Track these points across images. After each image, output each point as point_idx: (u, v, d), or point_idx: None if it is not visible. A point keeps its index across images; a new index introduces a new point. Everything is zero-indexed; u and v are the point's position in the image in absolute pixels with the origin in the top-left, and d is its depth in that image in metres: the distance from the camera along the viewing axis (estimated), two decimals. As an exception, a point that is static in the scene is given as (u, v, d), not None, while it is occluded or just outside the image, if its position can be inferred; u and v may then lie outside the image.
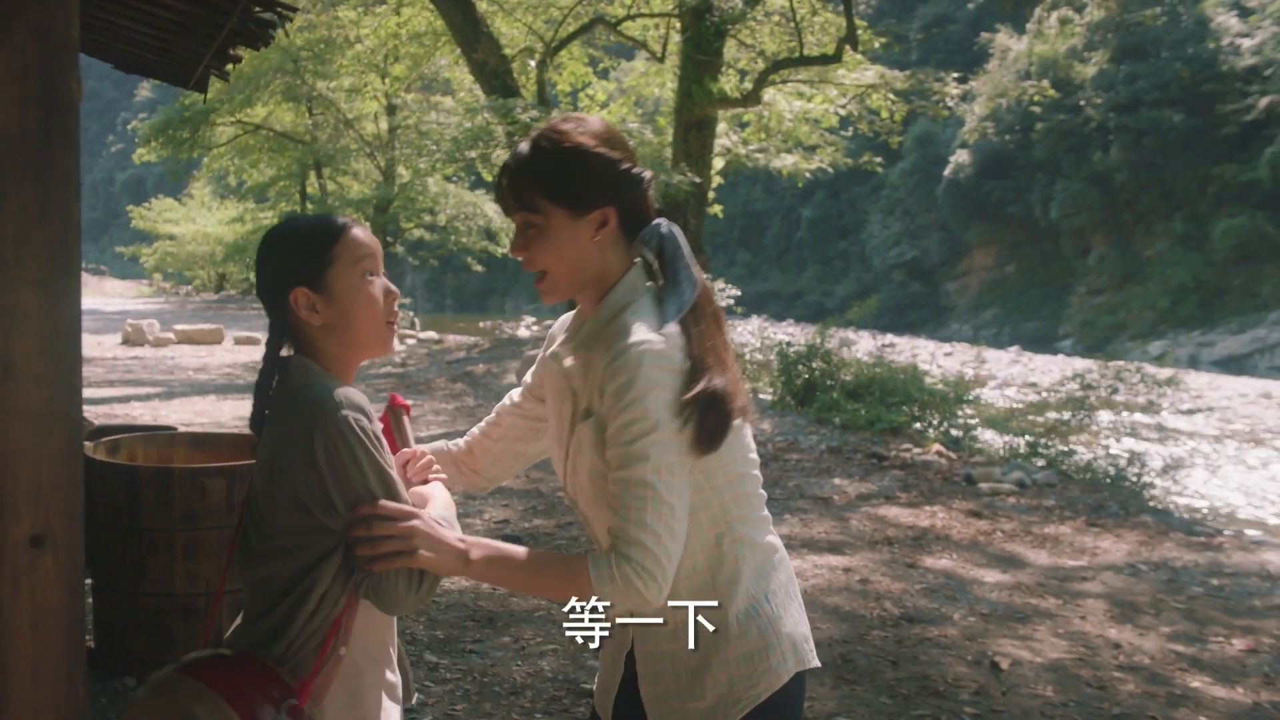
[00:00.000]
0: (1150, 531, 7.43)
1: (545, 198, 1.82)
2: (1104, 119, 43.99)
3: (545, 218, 1.82)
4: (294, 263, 1.80)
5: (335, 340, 1.83)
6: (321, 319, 1.80)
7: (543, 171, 1.83)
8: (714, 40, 17.04)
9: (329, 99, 30.44)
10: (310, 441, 1.64)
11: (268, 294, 1.81)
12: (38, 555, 1.34)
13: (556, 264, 1.85)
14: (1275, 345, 36.87)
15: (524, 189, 1.84)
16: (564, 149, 1.83)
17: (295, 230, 1.85)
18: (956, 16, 55.67)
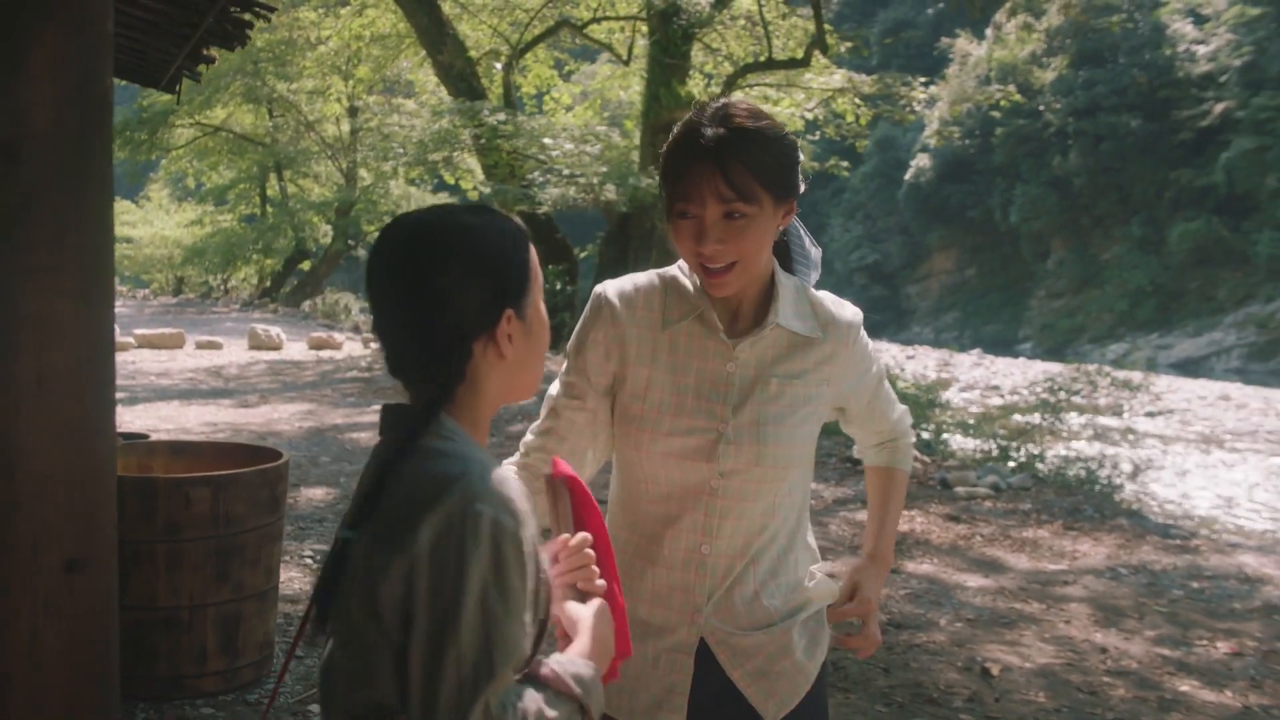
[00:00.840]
0: (1127, 534, 7.46)
1: (761, 185, 1.73)
2: (1063, 124, 44.45)
3: (758, 206, 1.73)
4: (502, 277, 1.37)
5: (501, 385, 1.44)
6: (514, 354, 1.40)
7: (762, 157, 1.73)
8: (681, 44, 17.02)
9: (290, 101, 30.19)
10: (414, 529, 1.23)
11: (442, 324, 1.33)
12: (72, 580, 1.26)
13: (754, 255, 1.78)
14: (1231, 348, 37.39)
15: (742, 175, 1.71)
16: (777, 133, 1.76)
17: (486, 229, 1.38)
18: (917, 22, 56.01)
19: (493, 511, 1.23)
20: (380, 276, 1.37)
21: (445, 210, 1.39)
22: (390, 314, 1.36)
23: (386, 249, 1.37)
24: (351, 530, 1.27)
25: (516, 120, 16.65)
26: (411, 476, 1.28)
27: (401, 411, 1.39)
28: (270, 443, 9.55)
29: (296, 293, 32.86)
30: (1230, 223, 40.20)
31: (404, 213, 1.38)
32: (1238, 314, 38.54)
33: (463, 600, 1.21)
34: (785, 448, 1.85)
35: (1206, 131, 41.76)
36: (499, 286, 1.36)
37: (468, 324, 1.34)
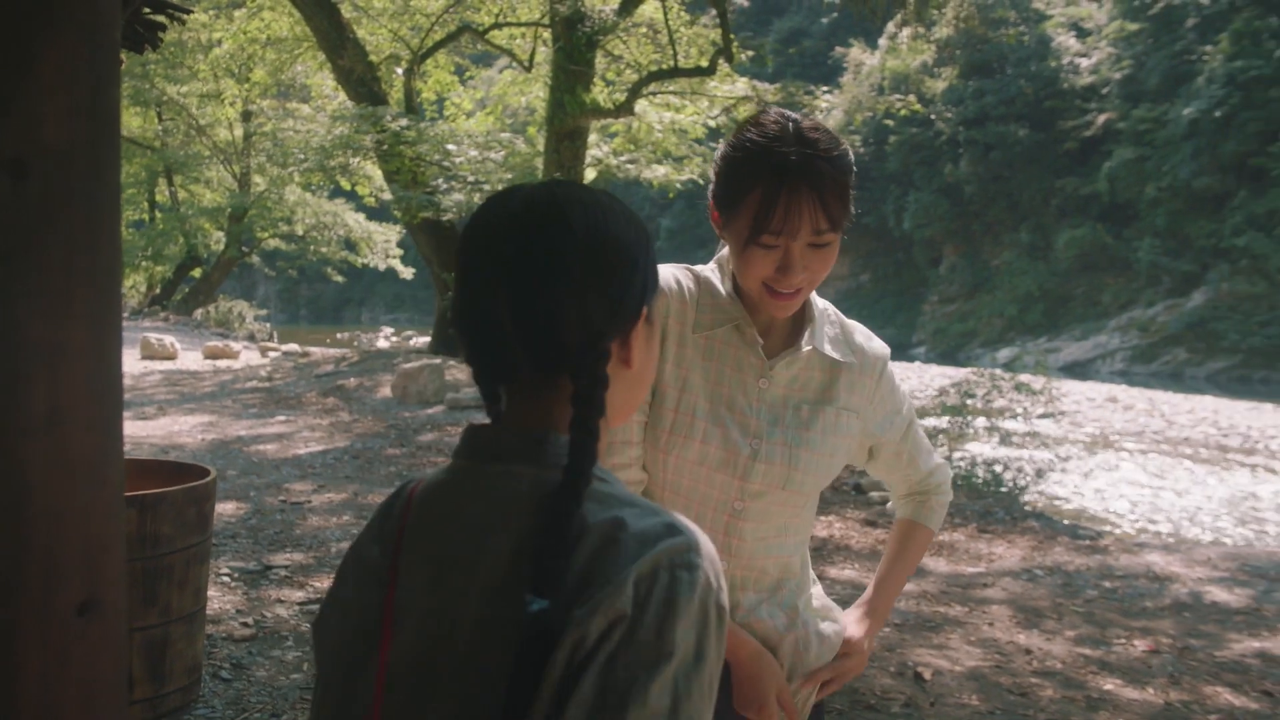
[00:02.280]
0: (1039, 537, 7.63)
1: (847, 213, 1.69)
2: (954, 133, 45.48)
3: (839, 234, 1.69)
4: (644, 268, 1.17)
5: (625, 399, 1.22)
6: (638, 364, 1.19)
7: (848, 183, 1.68)
8: (586, 51, 17.00)
9: (181, 104, 29.46)
10: (617, 583, 1.01)
11: (582, 313, 1.11)
12: (85, 624, 1.17)
13: (823, 275, 1.74)
14: (1115, 351, 38.59)
15: (837, 206, 1.65)
16: (847, 155, 1.70)
17: (623, 212, 1.18)
18: (811, 31, 56.82)
19: (707, 568, 1.04)
20: (494, 254, 1.12)
21: (575, 186, 1.18)
22: (500, 300, 1.10)
23: (505, 222, 1.13)
24: (543, 600, 1.00)
25: (419, 126, 16.47)
26: (596, 530, 1.04)
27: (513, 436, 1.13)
28: (174, 456, 9.29)
29: (188, 300, 32.03)
30: (1113, 230, 41.52)
31: (518, 186, 1.18)
32: (1121, 318, 39.79)
33: (661, 664, 1.00)
34: (814, 476, 1.82)
35: (1090, 141, 43.11)
36: (638, 279, 1.15)
37: (608, 317, 1.12)
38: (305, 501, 7.87)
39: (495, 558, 1.07)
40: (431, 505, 1.15)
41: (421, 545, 1.13)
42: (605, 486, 1.10)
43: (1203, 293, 37.59)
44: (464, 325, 1.14)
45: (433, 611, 1.08)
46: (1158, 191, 39.71)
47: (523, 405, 1.14)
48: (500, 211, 1.14)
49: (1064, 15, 47.50)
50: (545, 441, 1.11)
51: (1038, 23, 46.32)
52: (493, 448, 1.13)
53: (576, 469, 1.06)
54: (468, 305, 1.14)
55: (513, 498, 1.09)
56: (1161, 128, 40.38)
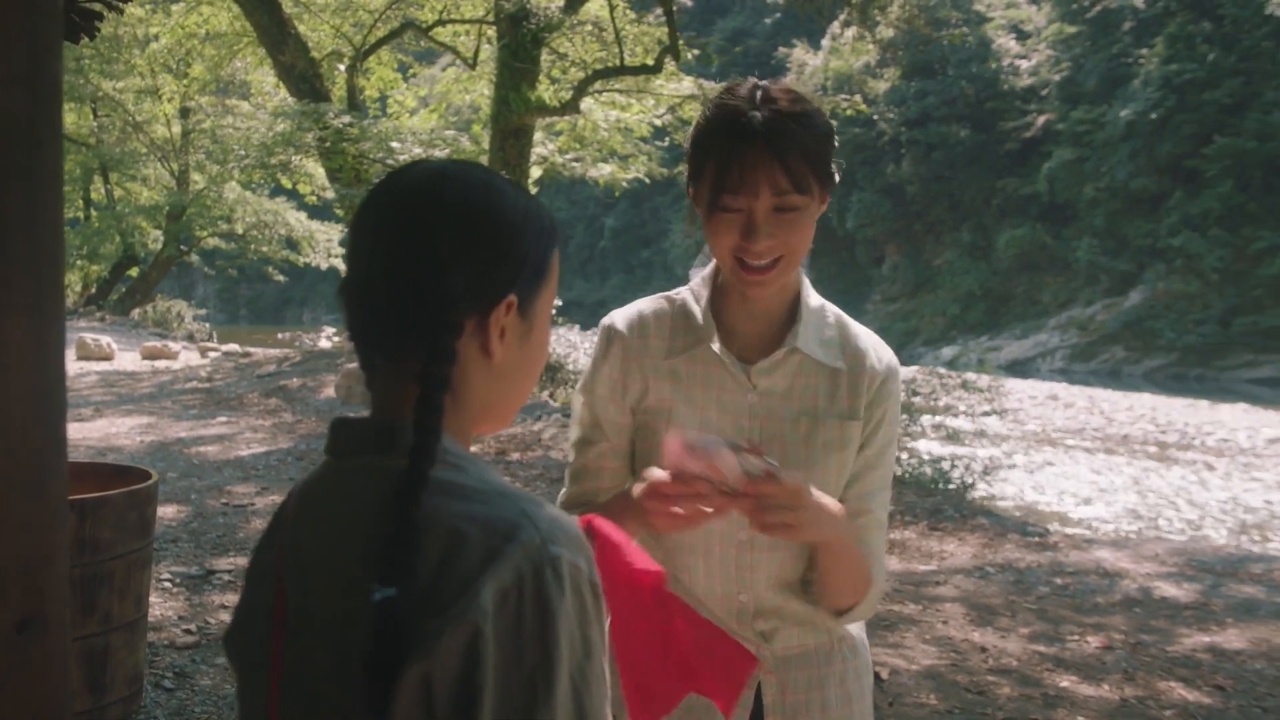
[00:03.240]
0: (989, 534, 7.64)
1: (815, 175, 1.59)
2: (896, 133, 45.83)
3: (810, 197, 1.59)
4: (516, 254, 1.11)
5: (482, 396, 1.14)
6: (504, 357, 1.13)
7: (813, 143, 1.59)
8: (531, 48, 16.89)
9: (116, 100, 28.89)
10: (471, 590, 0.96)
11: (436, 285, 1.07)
12: (25, 643, 1.06)
13: (800, 249, 1.63)
14: (1055, 349, 39.09)
15: (798, 163, 1.56)
16: (823, 115, 1.63)
17: (515, 200, 1.13)
18: (755, 31, 57.05)
19: (570, 554, 1.00)
20: (374, 223, 1.11)
21: (471, 165, 1.15)
22: (376, 267, 1.09)
23: (390, 191, 1.12)
24: (389, 588, 0.96)
25: (363, 123, 16.27)
26: (444, 523, 0.99)
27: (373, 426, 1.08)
28: (111, 459, 9.06)
29: (125, 300, 31.45)
30: (1053, 230, 42.05)
31: (418, 161, 1.17)
32: (1060, 317, 40.31)
33: (554, 671, 0.97)
34: None
35: (1030, 142, 43.64)
36: (510, 262, 1.11)
37: (461, 290, 1.08)
38: (248, 504, 7.71)
39: (351, 553, 1.04)
40: (304, 505, 1.13)
41: (297, 546, 1.10)
42: (457, 475, 1.05)
43: (1140, 292, 38.19)
44: (345, 295, 1.13)
45: (308, 612, 1.06)
46: (1096, 192, 40.28)
47: (383, 389, 1.12)
48: (387, 185, 1.14)
49: (1004, 18, 48.06)
50: (395, 429, 1.07)
51: (979, 25, 46.82)
52: (350, 442, 1.10)
53: (419, 451, 1.02)
54: (349, 275, 1.13)
55: (366, 491, 1.05)
56: (1099, 129, 40.97)
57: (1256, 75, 37.01)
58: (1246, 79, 37.09)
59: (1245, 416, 22.70)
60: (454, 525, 0.99)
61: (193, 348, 23.29)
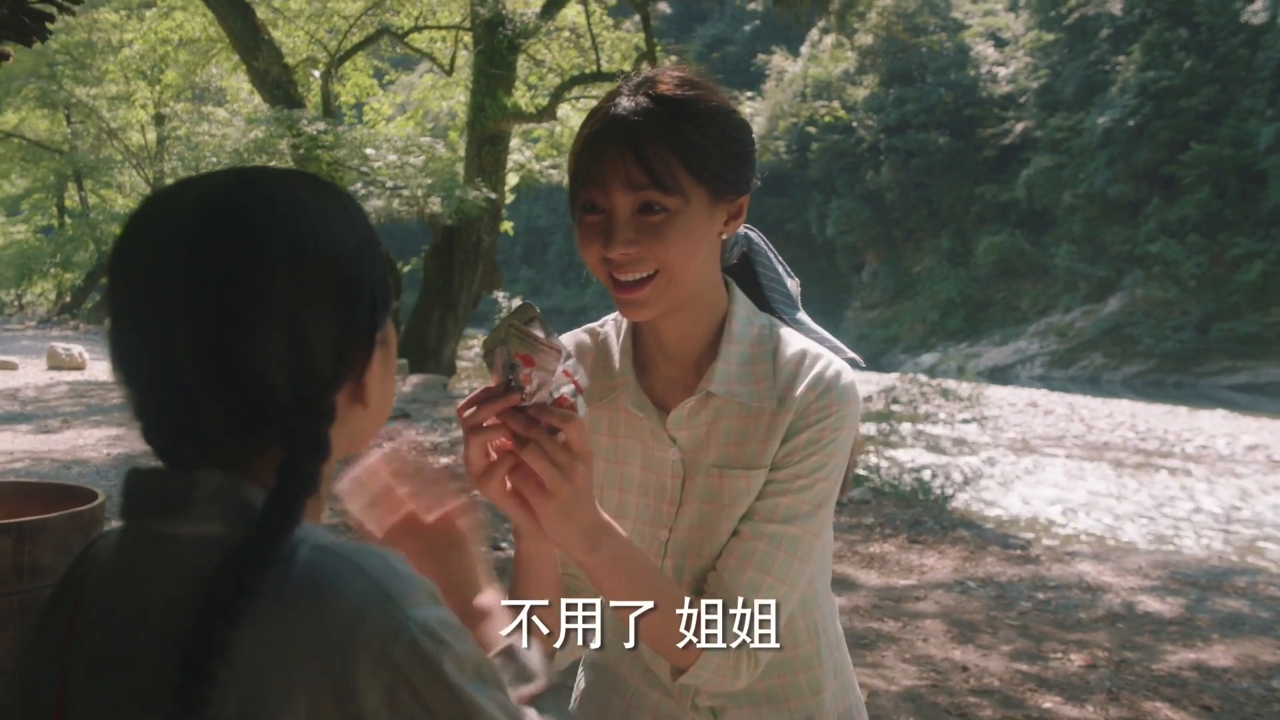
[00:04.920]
0: (970, 546, 7.53)
1: (688, 170, 1.33)
2: (875, 140, 45.82)
3: (682, 200, 1.33)
4: (369, 282, 0.91)
5: (354, 437, 0.96)
6: (376, 395, 0.94)
7: (690, 134, 1.33)
8: (507, 54, 16.81)
9: (90, 107, 28.67)
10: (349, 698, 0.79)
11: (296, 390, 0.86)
12: None
13: (680, 264, 1.35)
14: (1034, 356, 39.13)
15: (660, 155, 1.31)
16: (718, 107, 1.38)
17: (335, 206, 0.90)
18: (734, 38, 57.03)
19: (430, 610, 0.84)
20: (159, 288, 0.84)
21: (262, 180, 0.90)
22: (184, 351, 0.83)
23: (170, 241, 0.85)
24: None
25: (337, 130, 16.13)
26: (263, 604, 0.79)
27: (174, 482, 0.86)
28: (76, 473, 8.88)
29: (99, 309, 31.18)
30: (1031, 236, 42.11)
31: (183, 182, 0.90)
32: (1040, 323, 40.35)
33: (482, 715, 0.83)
34: (703, 529, 1.45)
35: (1009, 149, 43.70)
36: (363, 302, 0.89)
37: (327, 368, 0.86)
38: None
39: (144, 658, 0.82)
40: (100, 582, 0.89)
41: (88, 635, 0.87)
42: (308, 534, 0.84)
43: (1118, 298, 38.26)
44: (131, 369, 0.88)
45: (97, 715, 0.84)
46: (1074, 199, 40.36)
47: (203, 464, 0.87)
48: (167, 217, 0.87)
49: (982, 25, 48.16)
50: (190, 487, 0.85)
51: (957, 32, 46.93)
52: (143, 499, 0.88)
53: (254, 557, 0.80)
54: (133, 343, 0.87)
55: (165, 572, 0.84)
56: (1077, 136, 41.06)
57: (1232, 82, 37.17)
58: (1222, 86, 37.25)
59: (1224, 423, 22.70)
60: (276, 607, 0.80)
61: (166, 357, 23.07)
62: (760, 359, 1.47)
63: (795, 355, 1.47)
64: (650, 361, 1.51)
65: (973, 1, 49.48)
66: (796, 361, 1.46)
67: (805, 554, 1.40)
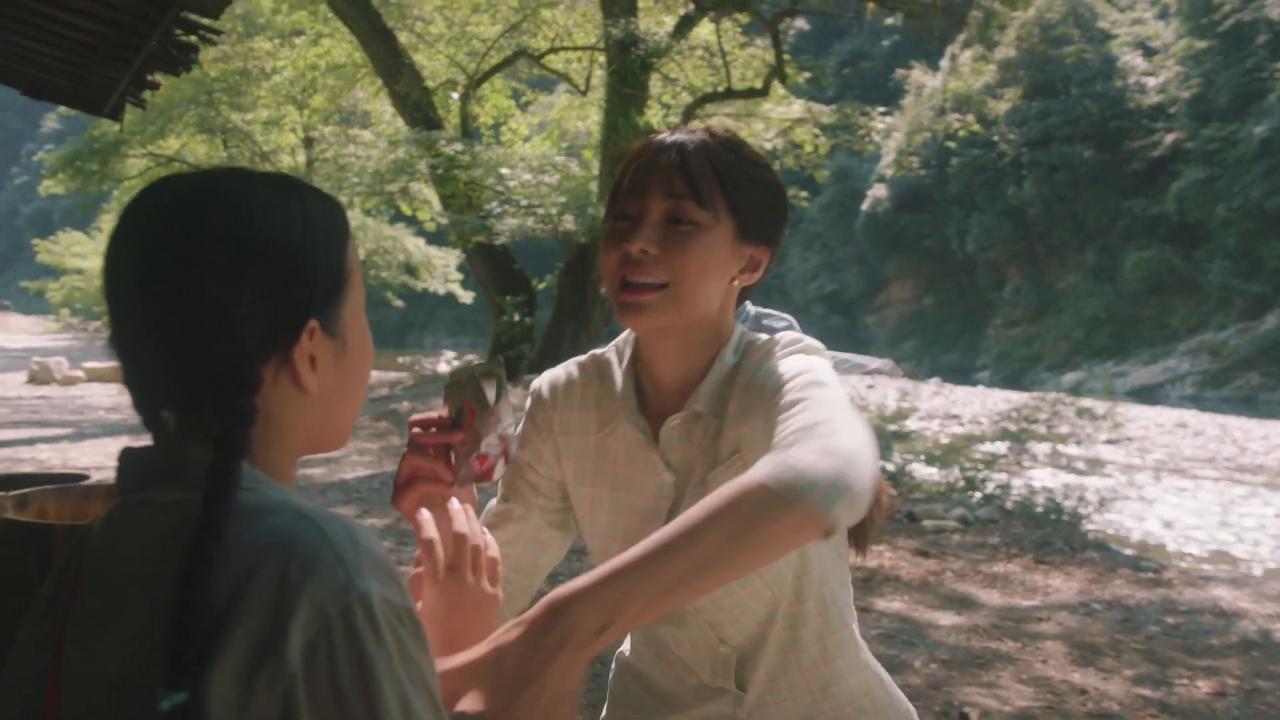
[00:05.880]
0: (1099, 568, 7.34)
1: (726, 198, 1.43)
2: (1017, 154, 44.87)
3: (713, 219, 1.42)
4: (304, 275, 0.99)
5: (306, 425, 1.03)
6: (321, 384, 1.01)
7: (734, 168, 1.45)
8: (639, 73, 16.98)
9: (245, 131, 29.85)
10: (275, 641, 0.84)
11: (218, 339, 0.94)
12: None
13: (696, 279, 1.41)
14: (1185, 375, 37.73)
15: (706, 178, 1.42)
16: (761, 160, 1.51)
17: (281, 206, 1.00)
18: (872, 53, 56.51)
19: (381, 587, 0.88)
20: (127, 270, 0.96)
21: (225, 176, 1.00)
22: (139, 322, 0.95)
23: (136, 228, 0.97)
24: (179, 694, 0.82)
25: (474, 150, 16.52)
26: (233, 555, 0.87)
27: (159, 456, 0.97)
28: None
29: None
30: (1182, 251, 40.68)
31: (163, 178, 1.01)
32: (1191, 341, 38.92)
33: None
34: None
35: (1158, 162, 42.31)
36: (300, 287, 0.98)
37: (252, 338, 0.95)
38: (347, 527, 7.80)
39: (135, 615, 0.90)
40: (92, 551, 0.98)
41: (84, 602, 0.95)
42: (248, 497, 0.91)
43: (1277, 315, 36.65)
44: (115, 346, 0.99)
45: (89, 682, 0.91)
46: (1228, 212, 38.85)
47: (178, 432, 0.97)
48: (136, 213, 0.99)
49: (1130, 34, 46.76)
50: (183, 460, 0.94)
51: (1103, 42, 45.63)
52: (135, 475, 0.98)
53: (210, 527, 0.87)
54: (114, 324, 0.98)
55: (150, 536, 0.93)
56: (1232, 147, 39.53)
57: (1402, 89, 35.37)
58: (1390, 93, 35.49)
59: (1390, 447, 21.53)
60: (245, 558, 0.87)
61: (312, 371, 23.89)
62: (735, 374, 1.50)
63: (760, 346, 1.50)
64: (647, 394, 1.56)
65: (1120, 10, 48.10)
66: (758, 351, 1.49)
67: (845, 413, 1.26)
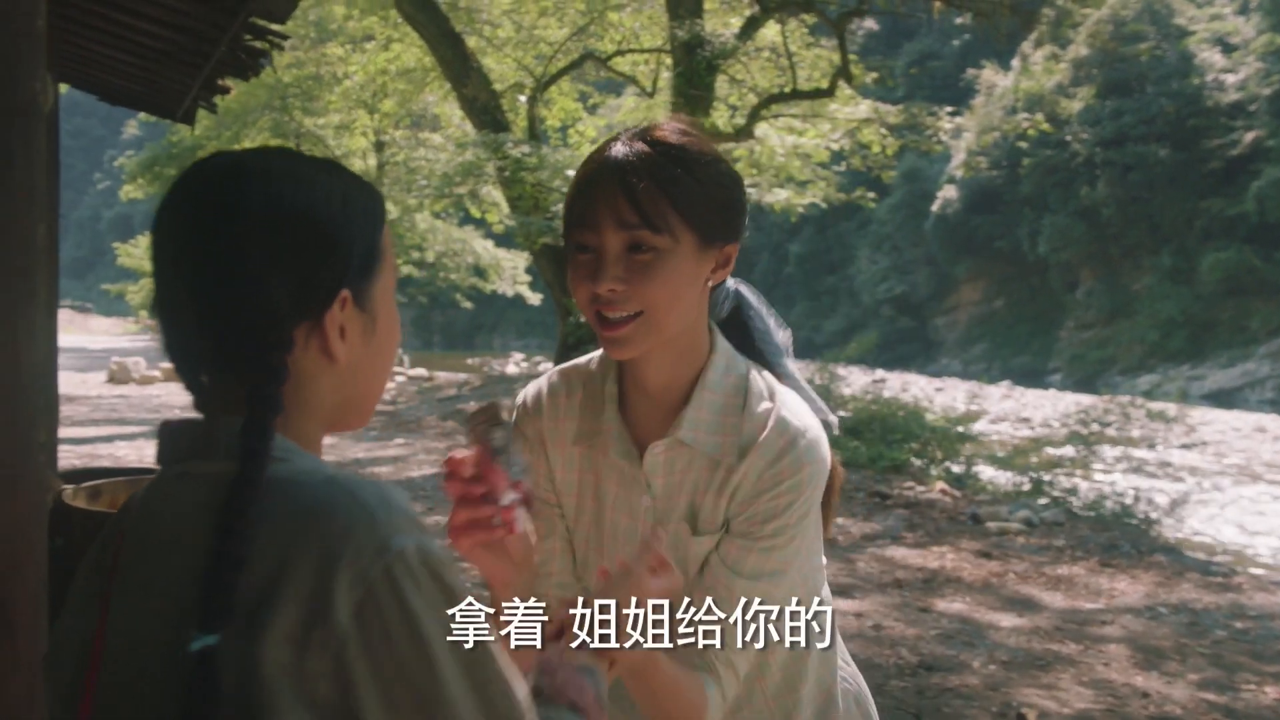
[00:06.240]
0: (1166, 572, 7.23)
1: (678, 213, 1.39)
2: (1090, 154, 44.14)
3: (672, 241, 1.39)
4: (339, 247, 1.04)
5: (333, 397, 1.08)
6: (349, 355, 1.06)
7: (683, 180, 1.39)
8: (705, 75, 16.98)
9: (317, 136, 30.31)
10: (324, 604, 0.90)
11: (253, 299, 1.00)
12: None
13: (668, 303, 1.40)
14: (1265, 379, 36.88)
15: (651, 197, 1.37)
16: (711, 157, 1.45)
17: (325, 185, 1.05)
18: (942, 53, 55.98)
19: (415, 540, 0.94)
20: (172, 232, 1.02)
21: (271, 153, 1.06)
22: (181, 286, 1.01)
23: (183, 196, 1.03)
24: (211, 634, 0.88)
25: (540, 152, 16.62)
26: (272, 527, 0.92)
27: (198, 429, 1.01)
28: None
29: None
30: (1262, 252, 39.74)
31: (214, 153, 1.07)
32: (1271, 344, 38.01)
33: (440, 670, 0.91)
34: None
35: (1237, 160, 41.36)
36: (335, 257, 1.03)
37: (285, 301, 1.00)
38: (411, 524, 7.92)
39: (175, 577, 0.96)
40: (135, 518, 1.04)
41: (126, 565, 1.01)
42: (282, 468, 0.97)
43: (1361, 318, 35.73)
44: (157, 312, 1.04)
45: (132, 640, 0.98)
46: (1311, 212, 37.93)
47: (213, 407, 1.03)
48: (185, 183, 1.04)
49: (1208, 30, 45.80)
50: (219, 432, 1.00)
51: (1179, 39, 44.74)
52: (174, 446, 1.03)
53: (245, 480, 0.93)
54: (158, 290, 1.03)
55: (188, 505, 0.98)
56: (1315, 145, 38.60)
57: None
58: None
59: None
60: (285, 529, 0.93)
61: (382, 372, 24.21)
62: (732, 411, 1.50)
63: (763, 412, 1.49)
64: (633, 401, 1.56)
65: (1198, 6, 47.11)
66: (763, 419, 1.48)
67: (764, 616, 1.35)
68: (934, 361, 48.83)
